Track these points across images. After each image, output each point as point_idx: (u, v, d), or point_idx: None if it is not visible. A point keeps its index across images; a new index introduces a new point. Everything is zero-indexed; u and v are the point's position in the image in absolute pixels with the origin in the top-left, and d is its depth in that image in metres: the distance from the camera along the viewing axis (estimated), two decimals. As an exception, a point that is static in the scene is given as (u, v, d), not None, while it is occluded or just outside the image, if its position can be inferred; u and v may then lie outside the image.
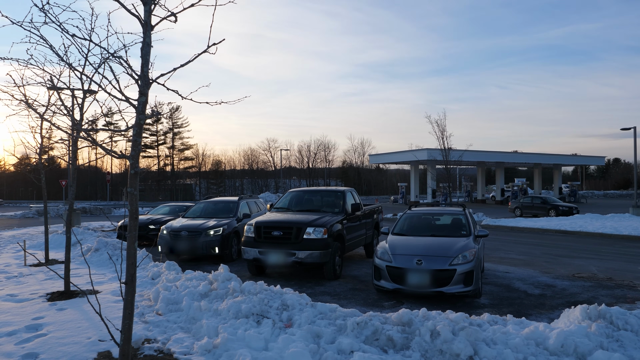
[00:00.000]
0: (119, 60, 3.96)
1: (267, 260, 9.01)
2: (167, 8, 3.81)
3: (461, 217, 8.78)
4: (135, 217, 3.91)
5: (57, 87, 7.02)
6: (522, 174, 69.57)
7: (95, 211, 35.55)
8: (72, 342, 4.99)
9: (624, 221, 20.30)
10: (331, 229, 9.01)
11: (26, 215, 30.74)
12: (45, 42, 4.58)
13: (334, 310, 5.43)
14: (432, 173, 44.01)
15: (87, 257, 10.64)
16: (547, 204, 28.80)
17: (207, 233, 11.26)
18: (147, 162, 70.86)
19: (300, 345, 4.54)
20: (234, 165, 78.99)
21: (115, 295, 7.14)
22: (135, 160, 3.82)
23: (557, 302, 7.22)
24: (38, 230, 18.85)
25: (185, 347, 4.91)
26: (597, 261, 11.38)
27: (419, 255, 7.15)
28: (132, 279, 3.94)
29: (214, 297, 6.30)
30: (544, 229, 19.42)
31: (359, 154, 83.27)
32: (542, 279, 9.12)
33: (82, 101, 7.11)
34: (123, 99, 3.90)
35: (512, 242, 15.59)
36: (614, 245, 14.81)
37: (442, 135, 32.47)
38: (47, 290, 7.64)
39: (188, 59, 3.97)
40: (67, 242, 7.69)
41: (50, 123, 5.30)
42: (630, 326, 4.69)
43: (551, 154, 50.45)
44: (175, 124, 72.21)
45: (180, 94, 4.05)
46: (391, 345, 4.68)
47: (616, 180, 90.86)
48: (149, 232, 14.11)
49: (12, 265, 10.37)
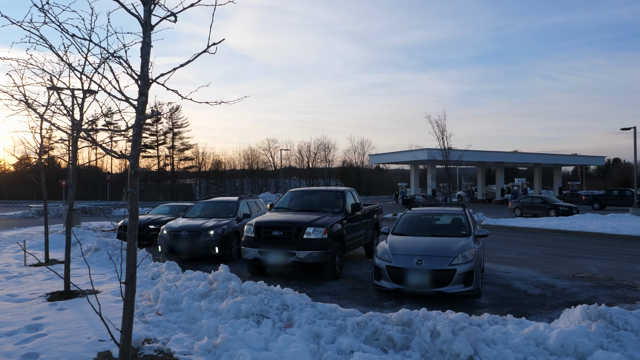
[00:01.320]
0: (118, 60, 3.96)
1: (267, 260, 9.01)
2: (167, 8, 3.81)
3: (461, 217, 8.78)
4: (135, 217, 3.91)
5: (57, 87, 7.03)
6: (522, 174, 69.52)
7: (95, 211, 35.56)
8: (72, 342, 4.99)
9: (624, 221, 20.31)
10: (331, 229, 9.01)
11: (26, 215, 30.75)
12: (45, 42, 4.58)
13: (334, 310, 5.43)
14: (432, 173, 44.03)
15: (87, 257, 10.64)
16: (547, 203, 28.79)
17: (207, 233, 11.25)
18: (147, 162, 70.94)
19: (300, 345, 4.53)
20: (234, 165, 79.15)
21: (115, 295, 7.13)
22: (135, 160, 3.82)
23: (557, 302, 7.22)
24: (38, 230, 18.84)
25: (185, 347, 4.91)
26: (597, 261, 11.38)
27: (419, 255, 7.15)
28: (132, 279, 3.94)
29: (214, 297, 6.29)
30: (544, 229, 19.42)
31: (359, 154, 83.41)
32: (542, 279, 9.12)
33: (82, 101, 7.11)
34: (123, 99, 3.90)
35: (512, 242, 15.59)
36: (614, 245, 14.81)
37: (442, 135, 32.48)
38: (47, 290, 7.64)
39: (188, 59, 3.98)
40: (67, 242, 7.69)
41: (50, 123, 5.30)
42: (630, 326, 4.69)
43: (551, 154, 50.55)
44: (175, 124, 72.28)
45: (180, 94, 4.05)
46: (391, 345, 4.68)
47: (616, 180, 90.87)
48: (149, 232, 14.13)
49: (12, 265, 10.36)
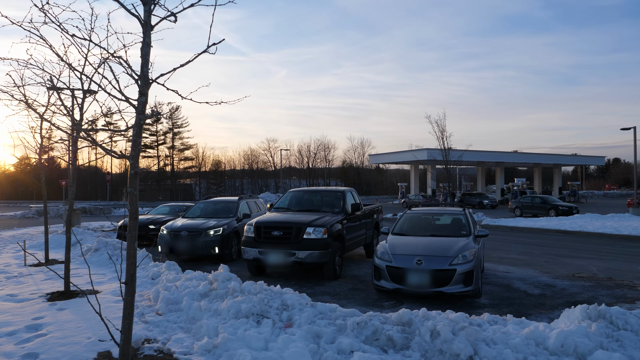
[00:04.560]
0: (118, 60, 3.96)
1: (267, 260, 9.00)
2: (167, 8, 3.81)
3: (461, 217, 8.78)
4: (135, 217, 3.90)
5: (57, 87, 7.02)
6: (522, 174, 69.53)
7: (95, 211, 35.57)
8: (72, 342, 4.99)
9: (624, 221, 20.30)
10: (331, 229, 9.00)
11: (26, 215, 30.75)
12: (45, 42, 4.58)
13: (334, 310, 5.43)
14: (432, 173, 44.05)
15: (87, 257, 10.63)
16: (547, 203, 28.79)
17: (207, 233, 11.25)
18: (147, 162, 70.97)
19: (300, 345, 4.53)
20: (234, 165, 79.17)
21: (115, 295, 7.13)
22: (135, 160, 3.82)
23: (557, 302, 7.22)
24: (38, 230, 18.84)
25: (185, 347, 4.91)
26: (597, 261, 11.38)
27: (419, 255, 7.15)
28: (132, 279, 3.94)
29: (214, 297, 6.29)
30: (544, 229, 19.42)
31: (359, 154, 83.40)
32: (542, 278, 9.11)
33: (82, 101, 7.11)
34: (123, 99, 3.90)
35: (512, 242, 15.59)
36: (614, 245, 14.81)
37: (442, 135, 32.49)
38: (47, 290, 7.64)
39: (188, 59, 3.98)
40: (67, 242, 7.68)
41: (50, 123, 5.30)
42: (630, 326, 4.69)
43: (551, 154, 50.56)
44: (175, 124, 72.31)
45: (180, 94, 4.05)
46: (391, 345, 4.68)
47: (616, 180, 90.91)
48: (149, 232, 14.12)
49: (12, 265, 10.36)
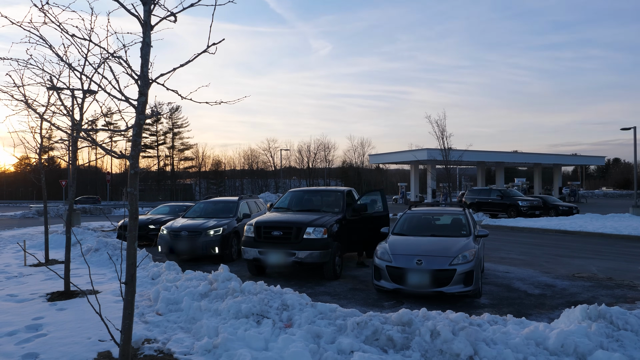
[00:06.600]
0: (118, 60, 3.96)
1: (267, 260, 9.00)
2: (167, 8, 3.81)
3: (461, 217, 8.78)
4: (135, 217, 3.90)
5: (57, 87, 7.02)
6: (522, 174, 69.54)
7: (95, 211, 35.59)
8: (72, 342, 4.99)
9: (624, 221, 20.29)
10: (331, 228, 9.00)
11: (26, 215, 30.75)
12: (45, 42, 4.58)
13: (334, 310, 5.43)
14: (432, 173, 44.04)
15: (87, 257, 10.63)
16: (547, 203, 28.77)
17: (207, 233, 11.25)
18: (147, 162, 71.04)
19: (300, 345, 4.53)
20: (234, 165, 79.24)
21: (115, 295, 7.13)
22: (135, 160, 3.82)
23: (557, 302, 7.22)
24: (38, 230, 18.84)
25: (185, 347, 4.90)
26: (597, 261, 11.38)
27: (419, 255, 7.15)
28: (132, 279, 3.94)
29: (214, 297, 6.29)
30: (544, 229, 19.40)
31: (359, 154, 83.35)
32: (542, 278, 9.11)
33: (82, 101, 7.11)
34: (123, 99, 3.90)
35: (512, 242, 15.58)
36: (614, 245, 14.80)
37: (442, 135, 32.44)
38: (47, 290, 7.64)
39: (188, 59, 3.98)
40: (67, 242, 7.68)
41: (50, 123, 5.30)
42: (630, 326, 4.69)
43: (551, 154, 50.48)
44: (175, 124, 72.36)
45: (179, 94, 4.05)
46: (391, 345, 4.68)
47: (616, 180, 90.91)
48: (149, 232, 14.12)
49: (12, 265, 10.36)
